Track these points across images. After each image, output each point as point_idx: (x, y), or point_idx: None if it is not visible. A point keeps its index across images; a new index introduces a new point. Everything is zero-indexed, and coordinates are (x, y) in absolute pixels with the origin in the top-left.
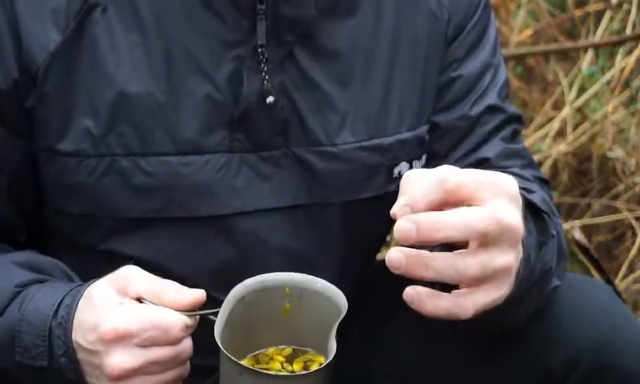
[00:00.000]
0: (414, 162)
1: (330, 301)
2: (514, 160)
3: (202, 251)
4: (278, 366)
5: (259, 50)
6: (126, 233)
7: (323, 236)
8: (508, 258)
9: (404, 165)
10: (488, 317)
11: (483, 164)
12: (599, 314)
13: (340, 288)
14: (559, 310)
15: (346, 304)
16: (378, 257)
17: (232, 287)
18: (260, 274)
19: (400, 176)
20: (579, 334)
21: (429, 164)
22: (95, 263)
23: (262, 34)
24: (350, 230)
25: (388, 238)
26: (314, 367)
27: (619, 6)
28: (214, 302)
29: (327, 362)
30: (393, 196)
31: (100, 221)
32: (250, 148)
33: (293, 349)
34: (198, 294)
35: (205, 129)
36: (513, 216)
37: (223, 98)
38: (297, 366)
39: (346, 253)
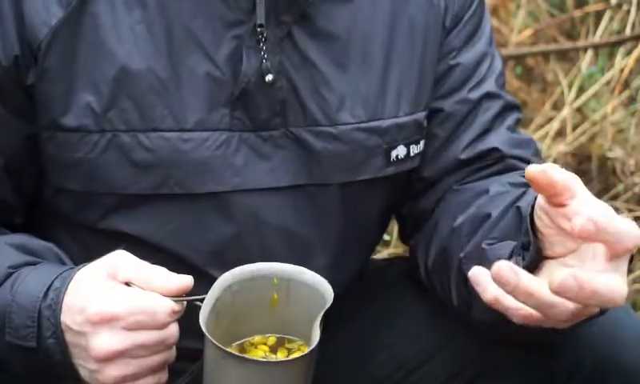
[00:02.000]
0: (411, 146)
1: (316, 291)
2: (523, 149)
3: (200, 229)
4: (261, 354)
5: (258, 29)
6: (125, 210)
7: (321, 217)
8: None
9: (401, 148)
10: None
11: (493, 154)
12: (601, 314)
13: (336, 272)
14: None
15: (332, 295)
16: (378, 256)
17: (230, 266)
18: (257, 253)
19: (398, 159)
20: (582, 334)
21: (431, 147)
22: (95, 243)
23: (261, 14)
24: (348, 212)
25: (387, 238)
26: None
27: (619, 6)
28: (212, 280)
29: (308, 350)
30: (390, 179)
31: (99, 198)
32: (250, 127)
33: (278, 337)
34: (186, 280)
35: (205, 106)
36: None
37: (223, 76)
38: (280, 355)
39: (344, 235)
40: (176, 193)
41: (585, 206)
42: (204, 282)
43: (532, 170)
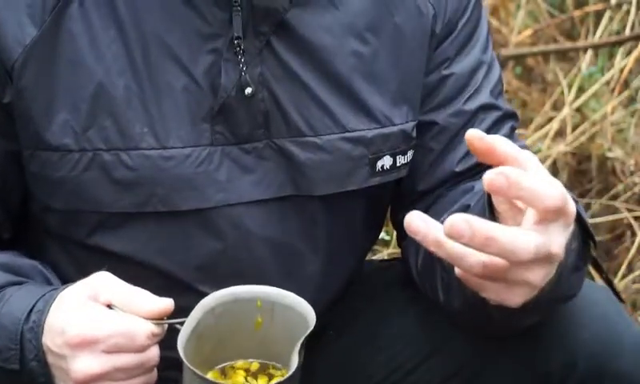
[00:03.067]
0: (397, 157)
1: (300, 315)
2: None
3: (187, 245)
4: (241, 380)
5: (235, 41)
6: (110, 228)
7: (308, 227)
8: (560, 243)
9: (387, 159)
10: (508, 316)
11: (483, 164)
12: (597, 316)
13: (327, 279)
14: (557, 313)
15: (314, 319)
16: (378, 257)
17: (219, 280)
18: (246, 265)
19: (383, 170)
20: (577, 336)
21: (426, 159)
22: (85, 258)
23: (237, 26)
24: (335, 221)
25: (387, 238)
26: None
27: (619, 6)
28: (200, 296)
29: (285, 377)
30: (376, 189)
31: (84, 216)
32: (232, 141)
33: (261, 363)
34: (167, 303)
35: (185, 122)
36: (571, 205)
37: (202, 90)
38: (261, 381)
39: (333, 244)
40: (160, 210)
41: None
42: (193, 297)
43: (470, 133)
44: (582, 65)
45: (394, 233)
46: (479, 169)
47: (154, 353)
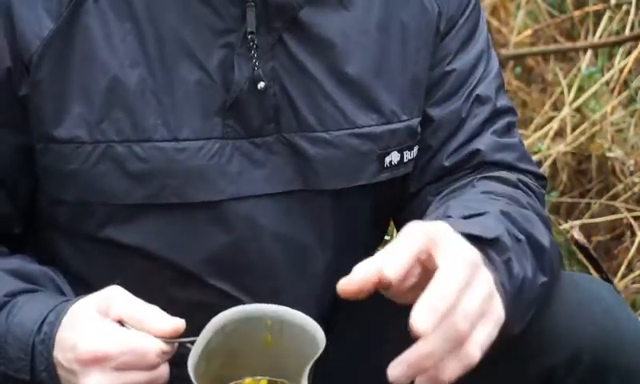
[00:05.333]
0: (404, 152)
1: (309, 334)
2: (506, 153)
3: (197, 237)
4: None
5: (249, 36)
6: (121, 220)
7: (317, 222)
8: (482, 291)
9: (395, 154)
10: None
11: (475, 156)
12: (600, 311)
13: (335, 275)
14: (560, 308)
15: (324, 341)
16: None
17: (228, 273)
18: (255, 259)
19: (391, 165)
20: (581, 331)
21: (423, 158)
22: (93, 252)
23: (251, 22)
24: (344, 217)
25: (387, 237)
26: None
27: (618, 6)
28: (210, 289)
29: None
30: (384, 186)
31: (95, 208)
32: (243, 134)
33: (269, 381)
34: (178, 323)
35: (198, 115)
36: (462, 252)
37: (215, 84)
38: None
39: (340, 239)
40: (172, 202)
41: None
42: (203, 290)
43: (341, 286)
44: (581, 65)
45: (394, 234)
46: (464, 167)
47: (163, 370)
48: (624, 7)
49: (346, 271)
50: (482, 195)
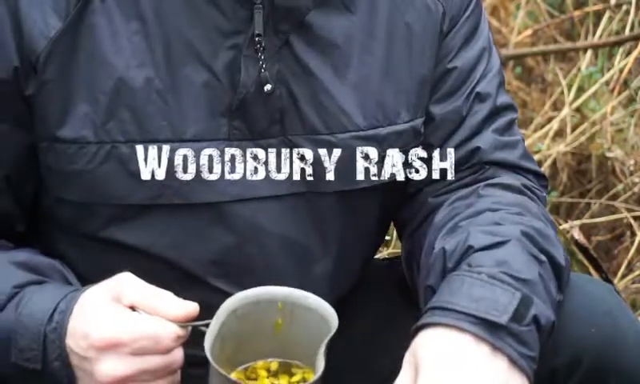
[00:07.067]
0: (409, 153)
1: (321, 317)
2: (507, 152)
3: (200, 238)
4: (265, 381)
5: (256, 38)
6: (125, 220)
7: (321, 224)
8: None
9: (399, 155)
10: None
11: (475, 154)
12: (601, 313)
13: (339, 277)
14: (561, 310)
15: (337, 321)
16: (379, 256)
17: (231, 274)
18: (258, 261)
19: (395, 166)
20: (581, 333)
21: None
22: (96, 251)
23: (259, 24)
24: (347, 218)
25: (387, 237)
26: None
27: (618, 6)
28: (213, 290)
29: (314, 378)
30: (388, 187)
31: (99, 208)
32: (248, 136)
33: (280, 362)
34: (192, 307)
35: (203, 116)
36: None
37: (221, 86)
38: (282, 380)
39: (344, 240)
40: (175, 203)
41: None
42: (205, 291)
43: None
44: (581, 65)
45: (394, 233)
46: (463, 166)
47: (178, 354)
48: (624, 7)
49: (349, 273)
50: (496, 215)
